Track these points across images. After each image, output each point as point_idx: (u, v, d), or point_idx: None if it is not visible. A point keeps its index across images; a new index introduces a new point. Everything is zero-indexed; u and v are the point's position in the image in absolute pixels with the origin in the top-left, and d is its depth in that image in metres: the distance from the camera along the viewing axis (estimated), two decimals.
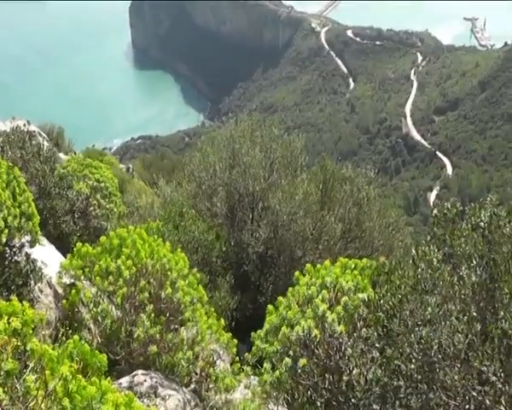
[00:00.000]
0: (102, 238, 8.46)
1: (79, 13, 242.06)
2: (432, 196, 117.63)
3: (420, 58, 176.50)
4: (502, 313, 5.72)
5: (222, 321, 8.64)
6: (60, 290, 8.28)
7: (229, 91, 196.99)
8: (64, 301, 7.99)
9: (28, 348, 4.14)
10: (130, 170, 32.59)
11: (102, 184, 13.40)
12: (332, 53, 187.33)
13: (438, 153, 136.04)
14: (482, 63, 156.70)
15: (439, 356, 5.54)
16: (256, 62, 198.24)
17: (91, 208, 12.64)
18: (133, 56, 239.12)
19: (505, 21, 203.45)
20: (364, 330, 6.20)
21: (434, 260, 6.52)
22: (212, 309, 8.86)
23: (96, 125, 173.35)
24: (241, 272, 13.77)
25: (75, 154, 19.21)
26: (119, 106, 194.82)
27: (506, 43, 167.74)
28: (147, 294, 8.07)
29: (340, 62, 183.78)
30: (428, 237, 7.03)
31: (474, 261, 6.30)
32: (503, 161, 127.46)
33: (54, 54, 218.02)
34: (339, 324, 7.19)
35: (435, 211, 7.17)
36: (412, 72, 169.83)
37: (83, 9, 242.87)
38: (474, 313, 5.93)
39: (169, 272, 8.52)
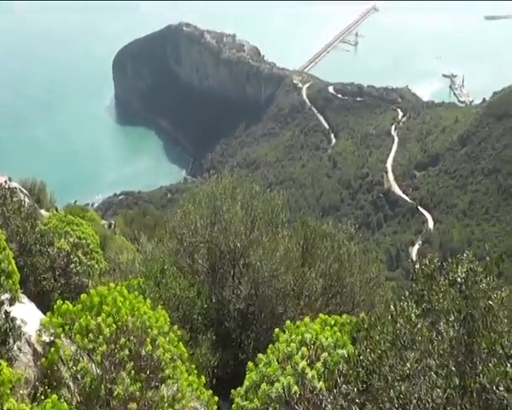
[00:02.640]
0: (83, 296, 8.46)
1: (61, 68, 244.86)
2: (414, 251, 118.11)
3: (400, 114, 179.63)
4: (480, 367, 5.80)
5: (203, 378, 8.60)
6: (39, 349, 8.21)
7: (212, 147, 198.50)
8: (43, 359, 7.92)
9: (5, 408, 4.12)
10: (112, 226, 32.51)
11: (84, 241, 13.39)
12: (314, 109, 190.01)
13: (419, 208, 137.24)
14: (462, 119, 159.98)
15: None
16: (238, 118, 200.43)
17: (72, 265, 12.61)
18: (116, 112, 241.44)
19: (483, 78, 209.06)
20: (344, 386, 6.24)
21: (413, 315, 6.62)
22: (193, 366, 8.81)
23: (79, 180, 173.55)
24: (222, 328, 13.72)
25: (56, 210, 19.21)
26: (101, 161, 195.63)
27: (484, 100, 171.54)
28: (127, 351, 8.03)
29: (321, 118, 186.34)
30: (407, 293, 7.12)
31: (452, 316, 6.41)
32: (483, 215, 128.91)
33: (38, 109, 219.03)
34: (319, 380, 7.21)
35: (414, 267, 7.28)
36: (393, 127, 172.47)
37: (63, 65, 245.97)
38: (453, 368, 6.02)
39: (149, 330, 8.49)
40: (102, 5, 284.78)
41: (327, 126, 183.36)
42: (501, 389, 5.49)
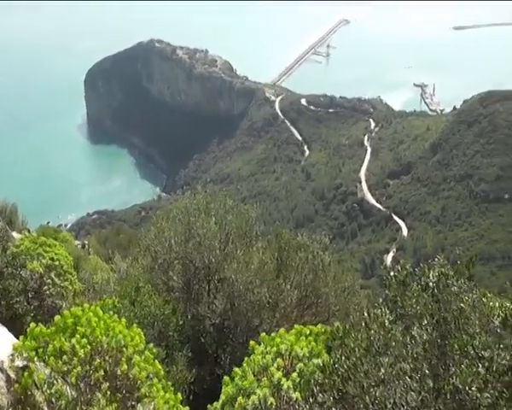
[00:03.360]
0: (56, 318, 8.38)
1: (31, 86, 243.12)
2: (388, 259, 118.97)
3: (372, 124, 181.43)
4: (453, 369, 5.88)
5: (179, 395, 8.56)
6: (12, 374, 8.09)
7: (185, 163, 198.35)
8: (16, 384, 7.81)
9: None
10: (86, 246, 32.30)
11: (57, 263, 13.28)
12: (286, 121, 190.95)
13: (393, 216, 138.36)
14: (433, 127, 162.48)
15: None
16: (211, 133, 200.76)
17: (45, 287, 12.49)
18: (88, 130, 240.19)
19: (453, 86, 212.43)
20: (320, 395, 6.28)
21: (386, 321, 6.68)
22: (170, 384, 8.77)
23: (52, 201, 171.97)
24: (198, 344, 13.71)
25: (29, 232, 19.02)
26: (73, 181, 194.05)
27: (455, 108, 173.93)
28: (102, 372, 7.97)
29: (294, 130, 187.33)
30: (381, 300, 7.20)
31: (425, 320, 6.49)
32: (456, 220, 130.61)
33: (8, 128, 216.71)
34: (295, 390, 7.24)
35: (387, 273, 7.37)
36: (365, 138, 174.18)
37: (34, 84, 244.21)
38: (427, 371, 6.09)
39: (124, 349, 8.44)
40: (75, 22, 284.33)
41: (300, 138, 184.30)
42: (473, 389, 5.58)
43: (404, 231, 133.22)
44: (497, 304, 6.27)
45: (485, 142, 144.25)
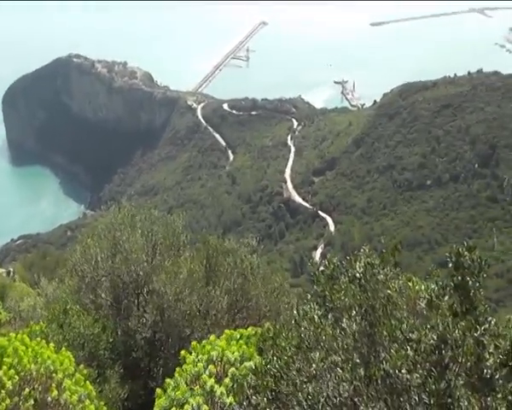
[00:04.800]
0: None
1: None
2: (317, 255, 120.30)
3: (295, 124, 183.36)
4: (383, 354, 5.97)
5: None
6: None
7: (109, 178, 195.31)
8: None
9: None
10: (12, 273, 31.38)
11: None
12: (209, 128, 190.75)
13: (319, 212, 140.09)
14: (354, 122, 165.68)
15: (327, 409, 5.69)
16: (135, 146, 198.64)
17: None
18: (9, 153, 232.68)
19: (373, 81, 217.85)
20: (254, 397, 6.25)
21: (316, 316, 6.73)
22: (102, 403, 8.61)
23: None
24: (130, 360, 13.50)
25: None
26: None
27: (375, 102, 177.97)
28: (32, 401, 7.75)
29: (217, 136, 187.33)
30: (309, 296, 7.24)
31: (354, 311, 6.56)
32: (381, 210, 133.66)
33: None
34: (228, 395, 7.20)
35: (315, 269, 7.42)
36: (289, 137, 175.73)
37: None
38: (357, 360, 6.16)
39: (54, 374, 8.26)
40: None
41: (224, 143, 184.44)
42: (403, 371, 5.67)
43: (332, 227, 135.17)
44: (422, 287, 6.40)
45: (406, 132, 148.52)
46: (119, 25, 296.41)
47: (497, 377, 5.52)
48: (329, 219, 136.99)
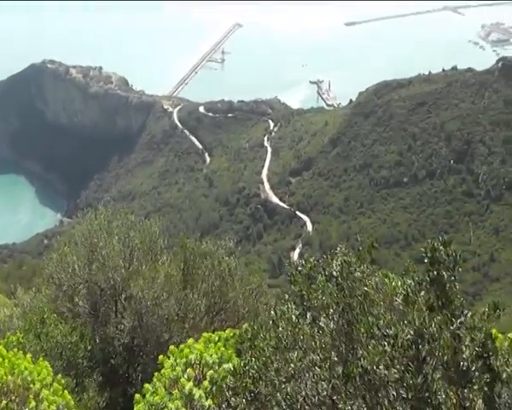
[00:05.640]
0: None
1: None
2: (295, 255, 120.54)
3: (272, 125, 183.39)
4: (361, 351, 6.00)
5: None
6: None
7: (86, 185, 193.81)
8: None
9: None
10: None
11: None
12: (186, 131, 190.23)
13: (297, 212, 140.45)
14: (330, 122, 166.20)
15: (306, 408, 5.69)
16: (111, 151, 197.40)
17: None
18: None
19: (348, 80, 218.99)
20: (233, 399, 6.24)
21: (293, 316, 6.74)
22: None
23: None
24: (108, 367, 13.42)
25: None
26: None
27: (351, 101, 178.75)
28: None
29: (194, 139, 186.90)
30: (287, 296, 7.26)
31: (331, 310, 6.58)
32: (358, 209, 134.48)
33: None
34: (207, 398, 7.18)
35: (292, 269, 7.43)
36: (265, 138, 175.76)
37: None
38: (335, 358, 6.18)
39: (31, 385, 8.18)
40: None
41: (200, 146, 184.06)
42: (381, 368, 5.70)
43: (309, 226, 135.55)
44: (399, 283, 6.43)
45: (382, 130, 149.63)
46: (92, 28, 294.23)
47: (473, 368, 5.57)
48: (307, 219, 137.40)
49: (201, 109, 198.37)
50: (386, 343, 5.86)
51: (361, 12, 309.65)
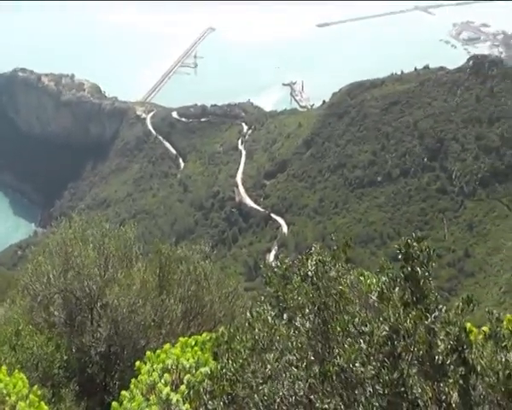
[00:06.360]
0: None
1: None
2: (271, 257, 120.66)
3: (245, 128, 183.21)
4: (337, 350, 6.02)
5: None
6: None
7: (60, 194, 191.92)
8: None
9: None
10: None
11: None
12: (159, 137, 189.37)
13: (272, 215, 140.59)
14: (304, 123, 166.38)
15: (283, 408, 5.71)
16: (85, 159, 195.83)
17: None
18: None
19: (321, 81, 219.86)
20: (210, 402, 6.23)
21: (269, 317, 6.75)
22: None
23: None
24: (85, 376, 13.30)
25: None
26: None
27: (324, 102, 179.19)
28: None
29: (168, 145, 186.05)
30: (262, 298, 7.27)
31: (307, 309, 6.60)
32: (333, 209, 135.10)
33: None
34: (184, 403, 7.16)
35: (267, 271, 7.44)
36: (239, 142, 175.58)
37: None
38: (312, 358, 6.20)
39: (7, 398, 8.08)
40: None
41: (174, 152, 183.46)
42: (357, 365, 5.73)
43: (285, 228, 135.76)
44: (374, 281, 6.48)
45: (355, 130, 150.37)
46: (62, 34, 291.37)
47: (448, 362, 5.63)
48: (282, 221, 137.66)
49: (175, 115, 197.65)
50: (361, 341, 5.90)
51: (333, 13, 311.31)
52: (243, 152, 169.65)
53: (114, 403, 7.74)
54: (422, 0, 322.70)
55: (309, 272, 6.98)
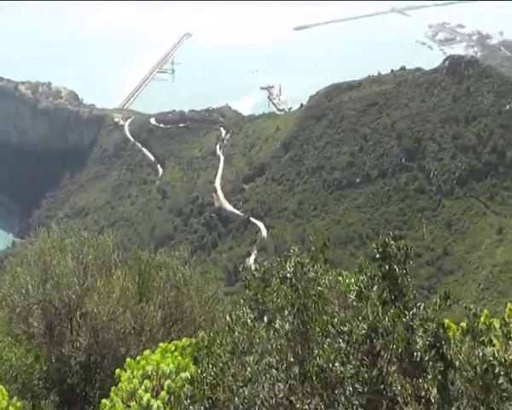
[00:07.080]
0: None
1: None
2: (251, 261, 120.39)
3: (223, 132, 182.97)
4: (317, 350, 6.04)
5: None
6: None
7: (38, 203, 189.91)
8: None
9: None
10: None
11: None
12: (138, 144, 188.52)
13: (251, 219, 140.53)
14: (282, 126, 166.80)
15: None
16: (63, 168, 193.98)
17: None
18: None
19: (298, 84, 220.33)
20: (191, 407, 6.22)
21: (249, 320, 6.74)
22: None
23: None
24: (65, 387, 13.17)
25: None
26: None
27: (302, 105, 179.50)
28: None
29: (146, 151, 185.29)
30: (242, 301, 7.26)
31: (287, 311, 6.61)
32: (312, 211, 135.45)
33: None
34: (165, 408, 7.13)
35: (246, 274, 7.44)
36: (218, 147, 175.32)
37: None
38: (292, 359, 6.21)
39: None
40: None
41: (152, 158, 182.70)
42: (337, 365, 5.74)
43: (264, 232, 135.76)
44: (352, 280, 6.50)
45: (333, 132, 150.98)
46: (36, 40, 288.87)
47: (426, 358, 5.67)
48: (261, 225, 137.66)
49: (153, 121, 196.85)
50: (341, 340, 5.92)
51: (310, 16, 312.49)
52: (222, 157, 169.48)
53: None
54: (396, 1, 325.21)
55: (288, 274, 7.00)
